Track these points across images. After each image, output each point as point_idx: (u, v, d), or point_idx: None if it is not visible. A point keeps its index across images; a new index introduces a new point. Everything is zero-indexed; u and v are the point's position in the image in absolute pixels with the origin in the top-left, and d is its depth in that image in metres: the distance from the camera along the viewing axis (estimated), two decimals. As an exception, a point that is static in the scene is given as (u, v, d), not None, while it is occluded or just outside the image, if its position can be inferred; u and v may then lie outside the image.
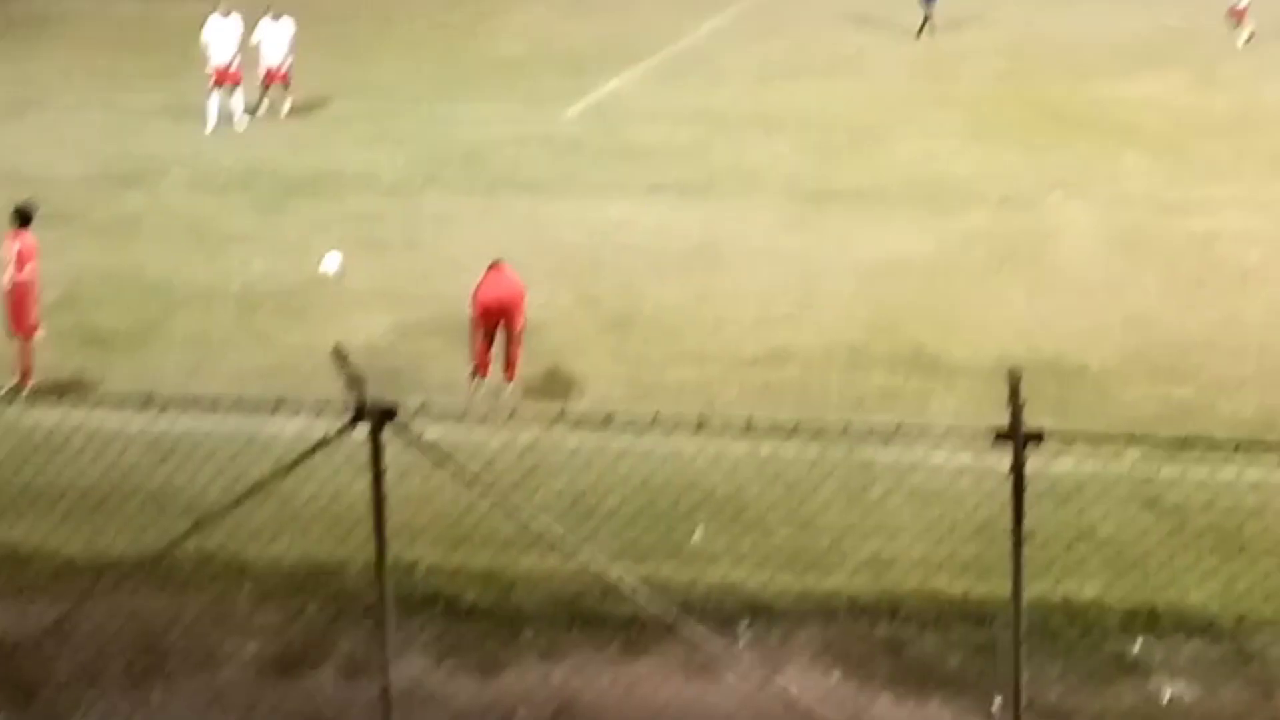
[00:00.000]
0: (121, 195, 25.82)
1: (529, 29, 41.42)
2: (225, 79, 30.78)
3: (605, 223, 23.70)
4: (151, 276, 21.65)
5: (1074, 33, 39.62)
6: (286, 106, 31.24)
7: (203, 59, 30.95)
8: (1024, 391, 8.64)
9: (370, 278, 21.40)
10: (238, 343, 19.27)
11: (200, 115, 30.55)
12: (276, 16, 31.40)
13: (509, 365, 17.59)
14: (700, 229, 23.37)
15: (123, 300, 20.74)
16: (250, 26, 31.46)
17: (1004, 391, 8.71)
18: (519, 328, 17.50)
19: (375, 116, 31.23)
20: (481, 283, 17.54)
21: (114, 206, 25.19)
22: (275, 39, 31.27)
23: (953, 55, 37.12)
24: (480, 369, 17.53)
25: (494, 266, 17.69)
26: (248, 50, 31.19)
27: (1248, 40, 36.40)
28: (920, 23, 40.19)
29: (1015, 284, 20.97)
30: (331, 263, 21.43)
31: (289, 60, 31.32)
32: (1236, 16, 47.17)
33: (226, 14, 31.31)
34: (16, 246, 17.75)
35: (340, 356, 9.18)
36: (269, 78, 31.24)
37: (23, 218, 18.01)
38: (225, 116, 30.53)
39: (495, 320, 17.47)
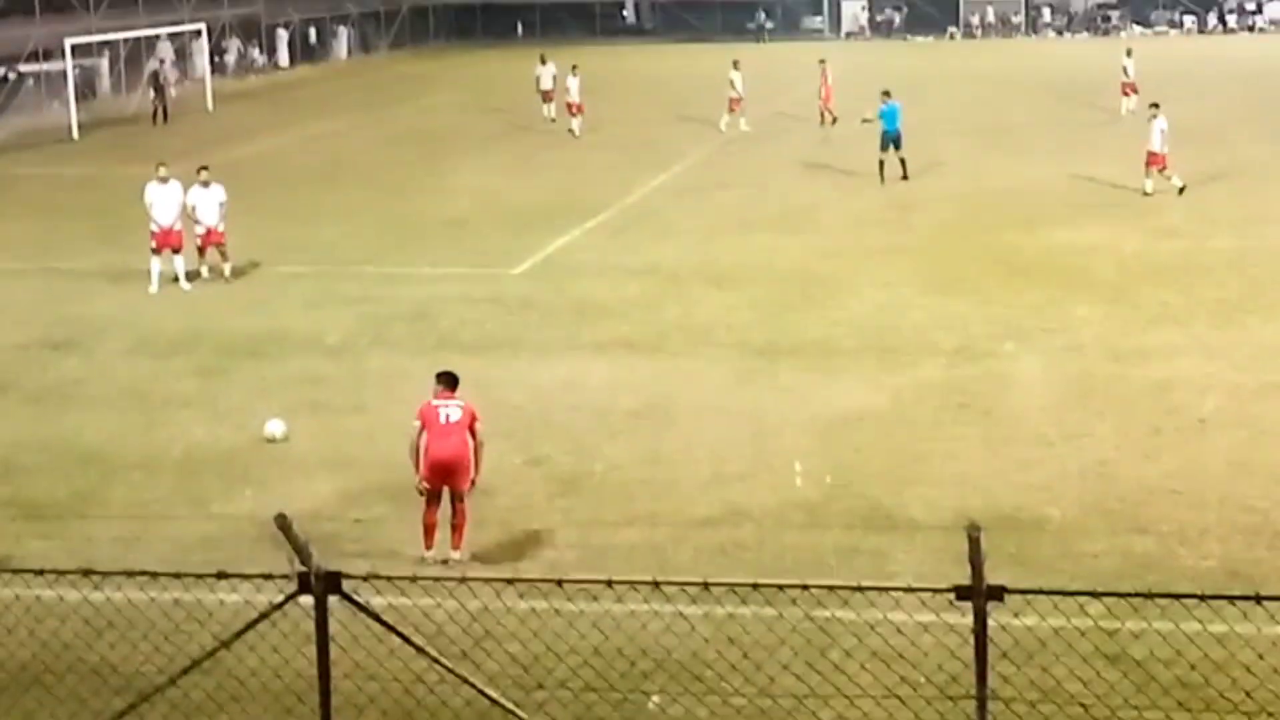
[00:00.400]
0: (60, 362, 25.41)
1: (476, 187, 41.41)
2: (167, 243, 30.45)
3: (554, 382, 23.41)
4: (89, 444, 21.25)
5: (1023, 181, 39.84)
6: (228, 269, 30.89)
7: (146, 222, 30.68)
8: (983, 546, 8.46)
9: (314, 442, 21.07)
10: (178, 511, 18.83)
11: (142, 278, 30.27)
12: (206, 183, 31.02)
13: (456, 530, 17.10)
14: (651, 386, 23.10)
15: (59, 469, 20.31)
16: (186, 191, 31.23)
17: (963, 546, 8.55)
18: (466, 489, 17.04)
19: (320, 277, 31.00)
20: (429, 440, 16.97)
21: (51, 373, 24.77)
22: (207, 203, 30.84)
23: (904, 205, 37.19)
24: (426, 535, 17.04)
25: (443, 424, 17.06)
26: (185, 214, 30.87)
27: (1181, 187, 36.47)
28: (884, 167, 40.42)
29: (971, 436, 20.72)
30: (275, 427, 21.13)
31: (222, 224, 30.89)
32: (1128, 90, 49.93)
33: (166, 179, 31.04)
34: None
35: (284, 524, 9.00)
36: (205, 240, 30.83)
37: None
38: (168, 280, 30.21)
39: (442, 482, 17.03)
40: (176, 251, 30.53)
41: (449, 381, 17.42)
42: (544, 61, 57.40)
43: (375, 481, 19.44)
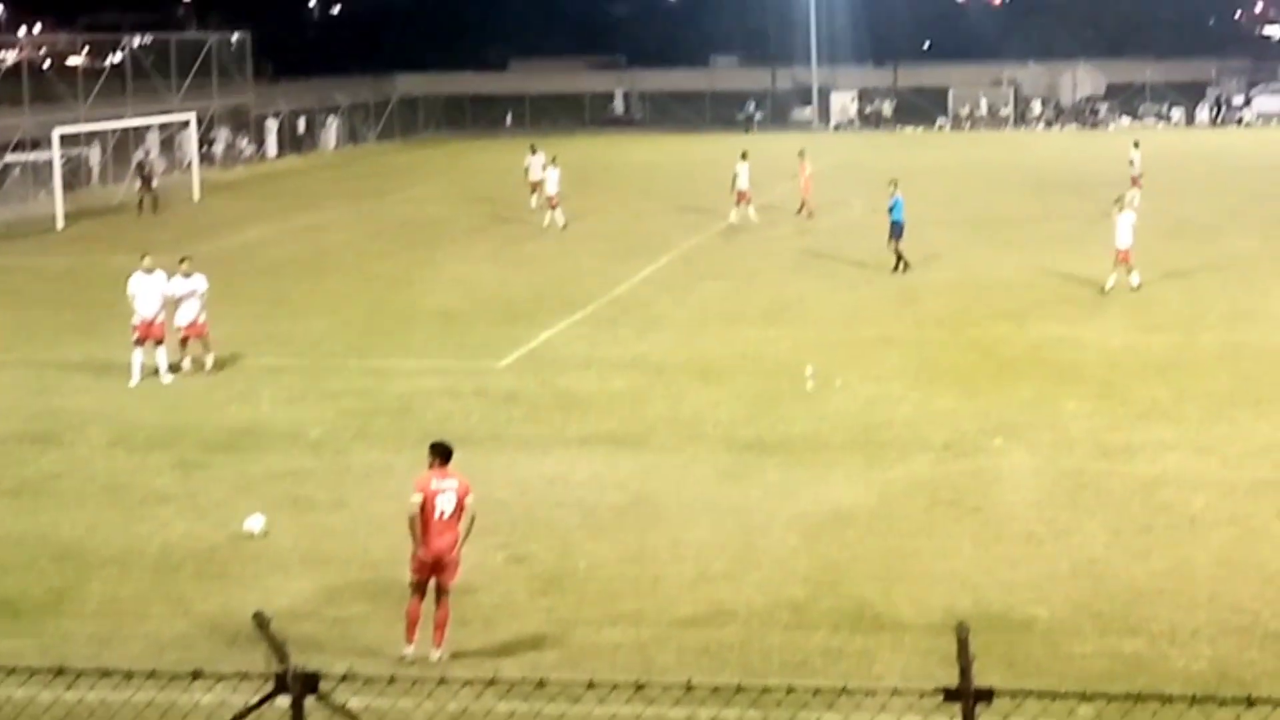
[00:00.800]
0: (38, 456, 25.10)
1: (463, 279, 41.31)
2: (149, 334, 30.23)
3: (538, 477, 23.17)
4: (65, 540, 20.98)
5: (1012, 274, 39.77)
6: (209, 361, 30.67)
7: (128, 314, 30.50)
8: (972, 647, 8.28)
9: (294, 538, 20.84)
10: (154, 609, 18.58)
11: (123, 371, 30.04)
12: (188, 274, 30.85)
13: (437, 628, 16.85)
14: (636, 482, 22.87)
15: (34, 566, 20.05)
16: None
17: (952, 647, 8.37)
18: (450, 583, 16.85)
19: (303, 370, 30.79)
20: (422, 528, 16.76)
21: (29, 467, 24.48)
22: (188, 295, 30.65)
23: (892, 298, 37.06)
24: (409, 628, 16.82)
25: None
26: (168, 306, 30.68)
27: (1136, 287, 36.25)
28: (896, 261, 40.67)
29: (960, 534, 20.50)
30: (254, 523, 20.92)
31: (204, 315, 30.70)
32: (1135, 182, 49.92)
33: (150, 269, 30.84)
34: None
35: (261, 622, 8.91)
36: (187, 332, 30.65)
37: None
38: (149, 372, 30.00)
39: (430, 574, 16.88)
40: (159, 343, 30.30)
41: (443, 454, 17.28)
42: (534, 151, 57.66)
43: (355, 579, 19.26)
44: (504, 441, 25.37)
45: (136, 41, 77.46)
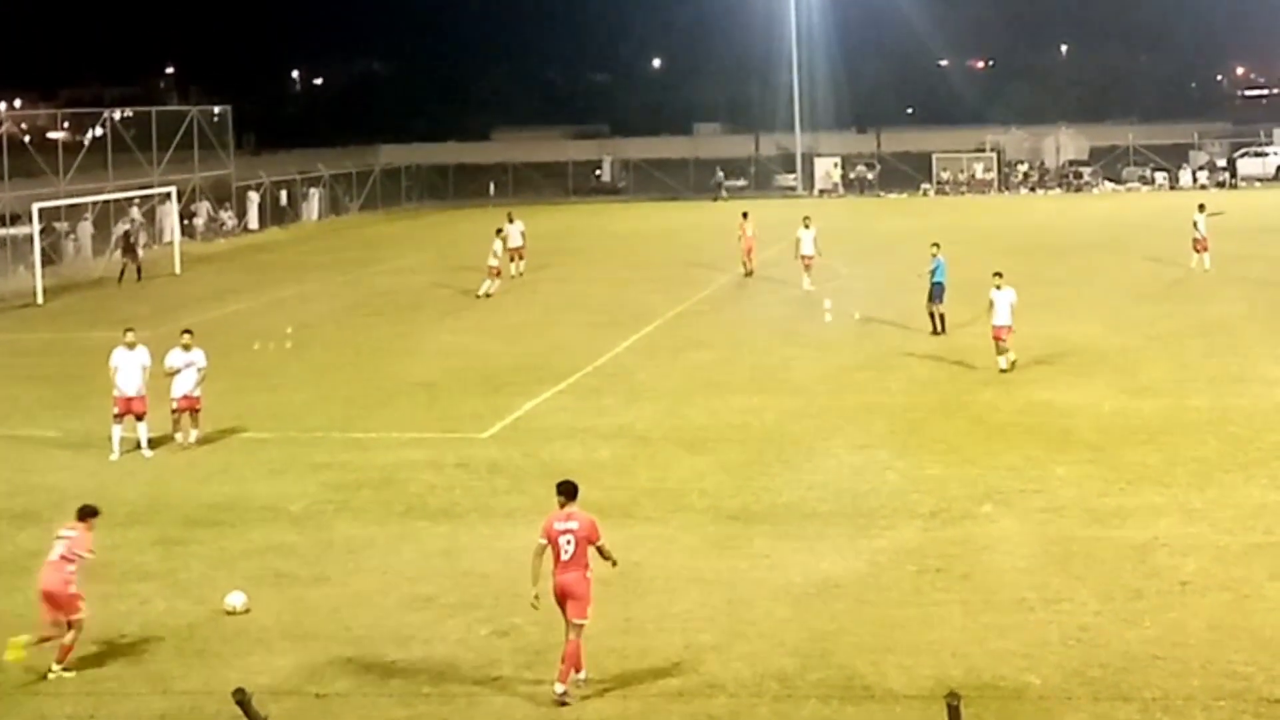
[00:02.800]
0: (15, 533, 24.88)
1: (446, 349, 41.20)
2: (130, 409, 30.11)
3: (522, 549, 22.62)
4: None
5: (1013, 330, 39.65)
6: (194, 435, 30.47)
7: (109, 388, 30.34)
8: (964, 717, 8.13)
9: (275, 614, 20.62)
10: (134, 688, 18.39)
11: (103, 446, 29.90)
12: (188, 347, 30.76)
13: (564, 661, 17.55)
14: (622, 553, 22.39)
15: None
16: (160, 356, 30.89)
17: (943, 717, 8.23)
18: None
19: (285, 443, 30.60)
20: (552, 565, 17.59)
21: (7, 545, 24.27)
22: (186, 368, 30.52)
23: (878, 365, 36.93)
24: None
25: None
26: (159, 378, 30.56)
27: (1006, 369, 35.20)
28: (936, 321, 40.94)
29: (949, 602, 20.30)
30: (235, 599, 20.71)
31: (199, 390, 30.55)
32: (1199, 246, 49.10)
33: (133, 345, 30.73)
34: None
35: (242, 700, 9.02)
36: (181, 405, 30.49)
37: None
38: (130, 446, 29.81)
39: (560, 607, 17.69)
40: (140, 418, 30.20)
41: (568, 493, 18.15)
42: (511, 220, 58.16)
43: (337, 655, 19.04)
44: (488, 513, 25.17)
45: (118, 115, 77.58)
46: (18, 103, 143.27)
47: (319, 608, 20.84)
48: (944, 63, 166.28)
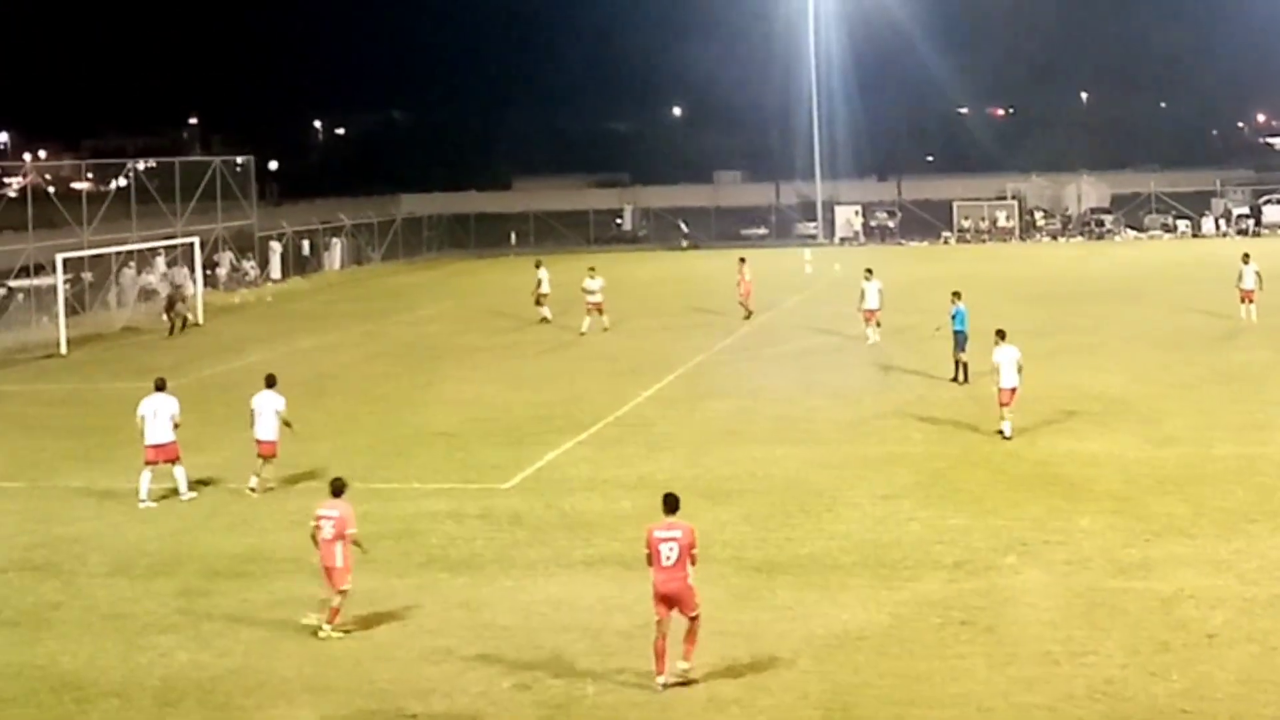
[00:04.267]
0: (37, 585, 24.83)
1: (467, 400, 41.10)
2: (160, 457, 30.23)
3: (544, 601, 22.83)
4: (65, 671, 20.73)
5: (1021, 388, 39.36)
6: (267, 475, 30.99)
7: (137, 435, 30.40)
8: None
9: (297, 667, 20.50)
10: (154, 742, 18.25)
11: (125, 497, 29.94)
12: (270, 382, 31.42)
13: (688, 638, 19.34)
14: (644, 605, 22.30)
15: (34, 698, 19.83)
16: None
17: None
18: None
19: (307, 494, 30.41)
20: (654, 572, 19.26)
21: (28, 597, 24.21)
22: (266, 411, 30.96)
23: (899, 414, 36.74)
24: (658, 660, 19.17)
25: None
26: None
27: (1010, 436, 33.90)
28: (959, 370, 40.92)
29: (973, 655, 20.11)
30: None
31: (275, 434, 30.90)
32: (1247, 297, 49.30)
33: (161, 388, 30.87)
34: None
35: None
36: (261, 450, 30.93)
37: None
38: (157, 495, 30.05)
39: (669, 610, 19.14)
40: (173, 462, 30.41)
41: (669, 505, 19.82)
42: (539, 266, 59.37)
43: (360, 709, 18.98)
44: (509, 565, 25.04)
45: (141, 165, 77.83)
46: (42, 153, 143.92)
47: (340, 660, 20.74)
48: (964, 110, 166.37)
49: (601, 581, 23.87)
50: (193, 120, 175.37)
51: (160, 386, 31.12)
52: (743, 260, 58.73)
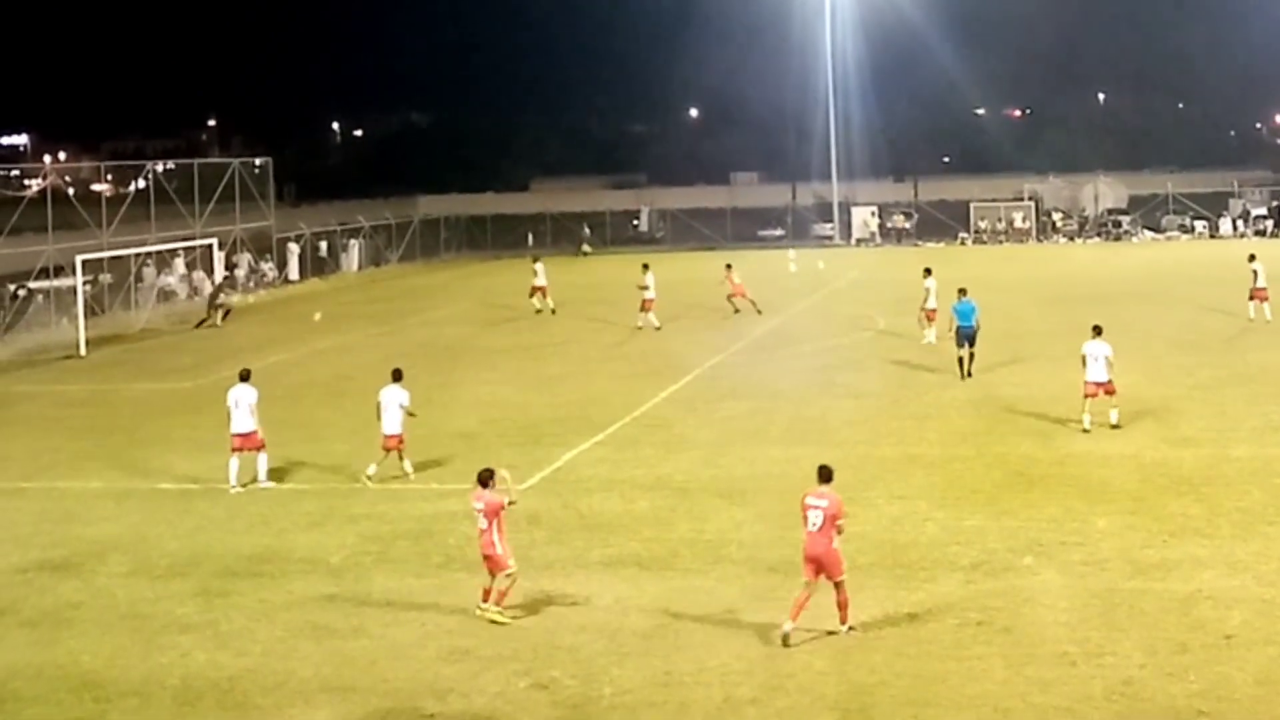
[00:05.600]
0: (57, 584, 24.94)
1: (485, 400, 41.17)
2: (246, 445, 31.22)
3: (561, 600, 22.89)
4: (85, 670, 20.82)
5: (1037, 390, 39.43)
6: (408, 465, 31.90)
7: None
8: None
9: (315, 666, 20.59)
10: (173, 741, 18.32)
11: (144, 497, 30.12)
12: (398, 377, 32.23)
13: (840, 608, 20.86)
14: (661, 605, 22.54)
15: (54, 697, 19.91)
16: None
17: None
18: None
19: (325, 494, 30.62)
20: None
21: (49, 597, 24.31)
22: (391, 405, 31.69)
23: (917, 415, 36.75)
24: (795, 610, 20.74)
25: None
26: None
27: (1089, 429, 34.63)
28: (964, 363, 41.56)
29: (990, 655, 20.12)
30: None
31: (401, 426, 31.64)
32: (1259, 297, 50.49)
33: (245, 379, 31.90)
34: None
35: None
36: (387, 443, 31.71)
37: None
38: (249, 479, 31.14)
39: (815, 573, 20.66)
40: (259, 450, 31.46)
41: (823, 476, 21.39)
42: (535, 260, 63.45)
43: (376, 708, 19.02)
44: (526, 564, 24.97)
45: (160, 167, 78.05)
46: (62, 155, 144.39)
47: (357, 659, 20.81)
48: (980, 111, 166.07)
49: (619, 582, 23.91)
50: (211, 122, 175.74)
51: (244, 377, 32.12)
52: (729, 266, 61.02)
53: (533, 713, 18.73)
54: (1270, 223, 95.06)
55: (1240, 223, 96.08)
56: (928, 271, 49.92)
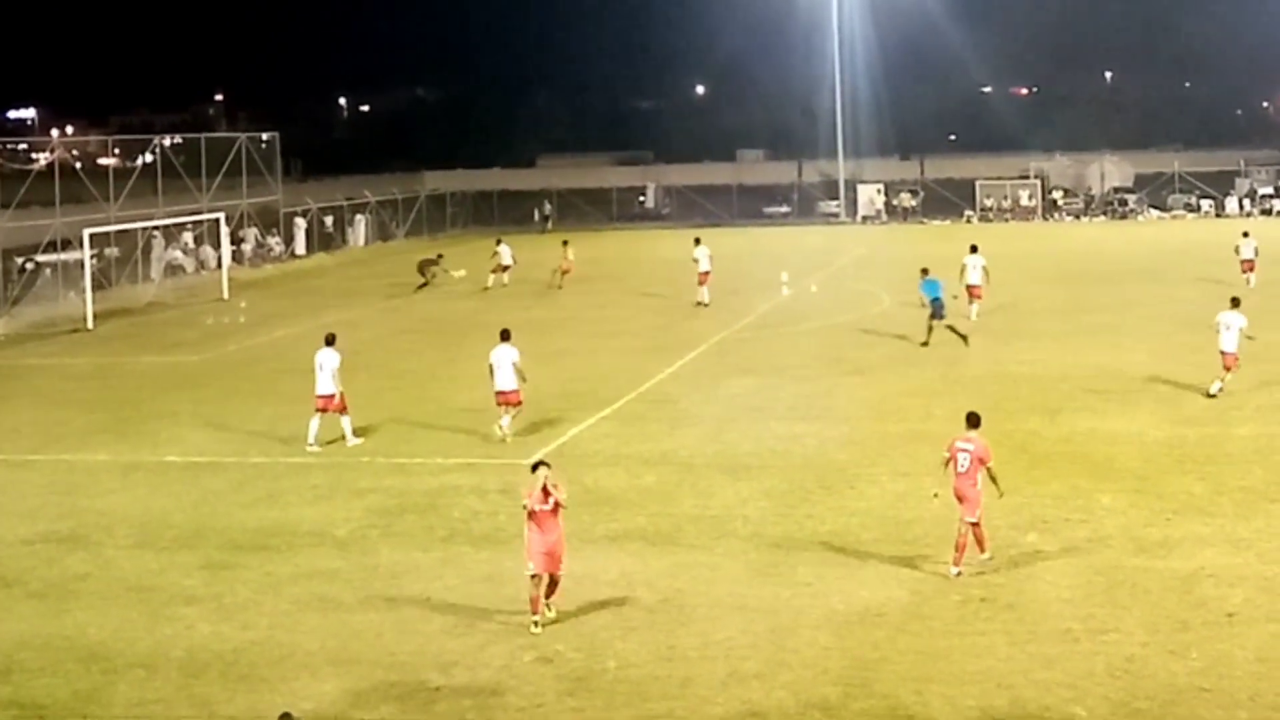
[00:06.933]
0: (64, 556, 25.05)
1: (489, 376, 41.09)
2: (329, 406, 32.14)
3: (566, 576, 22.79)
4: (92, 642, 20.90)
5: (1043, 367, 39.51)
6: (508, 427, 32.60)
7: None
8: None
9: (320, 639, 20.67)
10: (180, 711, 18.46)
11: (152, 469, 30.41)
12: (507, 337, 33.19)
13: (977, 544, 22.63)
14: (665, 580, 22.63)
15: (61, 668, 19.97)
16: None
17: None
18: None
19: (331, 468, 30.70)
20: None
21: (56, 569, 24.41)
22: (504, 363, 32.66)
23: (922, 392, 36.80)
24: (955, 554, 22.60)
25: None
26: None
27: (1215, 395, 35.54)
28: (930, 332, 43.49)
29: (994, 632, 20.21)
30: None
31: (518, 382, 32.58)
32: (1247, 267, 54.56)
33: (331, 343, 32.85)
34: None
35: None
36: (501, 399, 32.73)
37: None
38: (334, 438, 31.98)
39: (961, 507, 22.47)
40: (340, 412, 32.34)
41: (971, 421, 22.96)
42: (499, 243, 65.62)
43: (382, 680, 19.10)
44: (532, 540, 25.15)
45: (167, 141, 78.06)
46: (69, 129, 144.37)
47: (363, 632, 20.89)
48: (987, 89, 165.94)
49: (624, 556, 24.00)
50: (219, 96, 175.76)
51: (330, 341, 33.13)
52: (566, 243, 64.24)
53: (537, 685, 18.81)
54: (1276, 201, 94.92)
55: (1246, 201, 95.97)
56: (974, 248, 50.04)
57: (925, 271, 44.71)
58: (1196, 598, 21.36)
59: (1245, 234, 57.77)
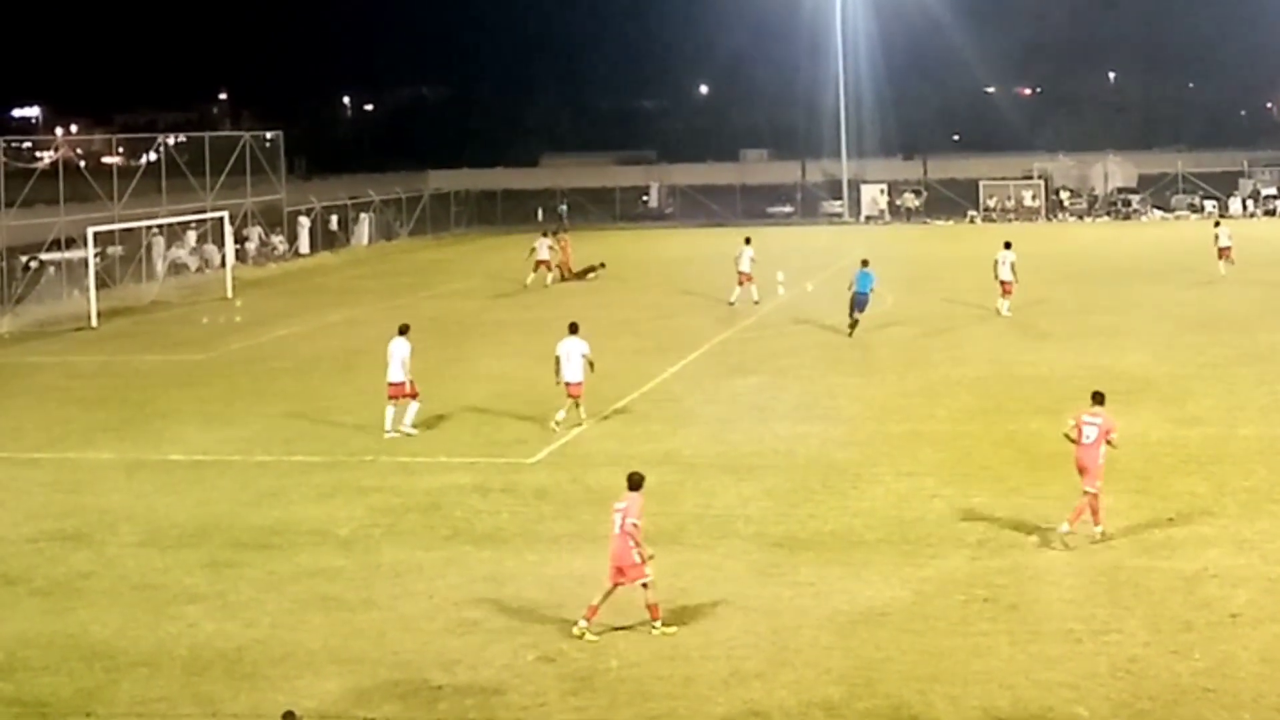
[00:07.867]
0: (68, 555, 25.06)
1: (493, 375, 41.26)
2: (399, 394, 33.05)
3: (568, 575, 22.96)
4: (95, 640, 20.91)
5: (1046, 368, 39.52)
6: (582, 413, 33.78)
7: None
8: None
9: (323, 638, 20.70)
10: (183, 710, 18.47)
11: (154, 468, 30.53)
12: (574, 329, 33.95)
13: (1093, 513, 23.87)
14: (668, 580, 22.56)
15: (64, 666, 19.97)
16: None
17: None
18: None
19: (334, 467, 30.71)
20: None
21: (60, 567, 24.42)
22: (573, 356, 33.41)
23: (925, 392, 36.81)
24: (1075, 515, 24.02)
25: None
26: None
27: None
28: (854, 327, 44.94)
29: (996, 632, 20.21)
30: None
31: (581, 375, 33.53)
32: (1225, 255, 57.37)
33: (403, 333, 33.71)
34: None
35: None
36: (570, 390, 33.48)
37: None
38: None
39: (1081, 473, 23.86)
40: (411, 398, 33.54)
41: (1098, 399, 24.38)
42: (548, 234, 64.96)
43: (385, 679, 19.11)
44: (534, 539, 25.20)
45: (171, 140, 78.11)
46: (73, 128, 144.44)
47: (366, 631, 20.91)
48: (991, 90, 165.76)
49: (626, 556, 23.97)
50: (223, 95, 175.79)
51: (403, 331, 34.38)
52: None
53: (539, 685, 18.82)
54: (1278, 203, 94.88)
55: (1250, 202, 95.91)
56: (1007, 245, 50.16)
57: (865, 263, 46.15)
58: (1200, 598, 21.37)
59: (1217, 223, 64.01)
